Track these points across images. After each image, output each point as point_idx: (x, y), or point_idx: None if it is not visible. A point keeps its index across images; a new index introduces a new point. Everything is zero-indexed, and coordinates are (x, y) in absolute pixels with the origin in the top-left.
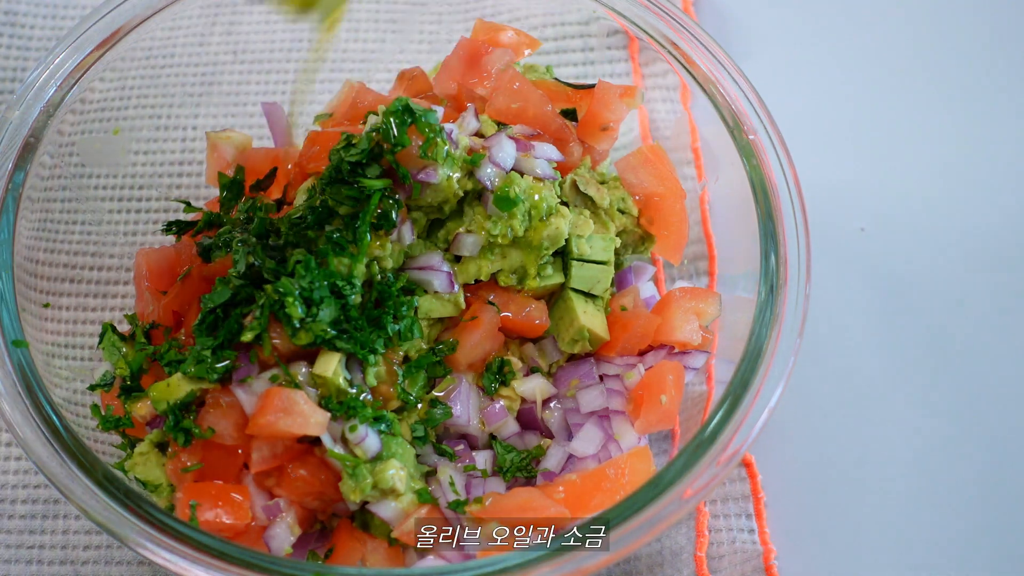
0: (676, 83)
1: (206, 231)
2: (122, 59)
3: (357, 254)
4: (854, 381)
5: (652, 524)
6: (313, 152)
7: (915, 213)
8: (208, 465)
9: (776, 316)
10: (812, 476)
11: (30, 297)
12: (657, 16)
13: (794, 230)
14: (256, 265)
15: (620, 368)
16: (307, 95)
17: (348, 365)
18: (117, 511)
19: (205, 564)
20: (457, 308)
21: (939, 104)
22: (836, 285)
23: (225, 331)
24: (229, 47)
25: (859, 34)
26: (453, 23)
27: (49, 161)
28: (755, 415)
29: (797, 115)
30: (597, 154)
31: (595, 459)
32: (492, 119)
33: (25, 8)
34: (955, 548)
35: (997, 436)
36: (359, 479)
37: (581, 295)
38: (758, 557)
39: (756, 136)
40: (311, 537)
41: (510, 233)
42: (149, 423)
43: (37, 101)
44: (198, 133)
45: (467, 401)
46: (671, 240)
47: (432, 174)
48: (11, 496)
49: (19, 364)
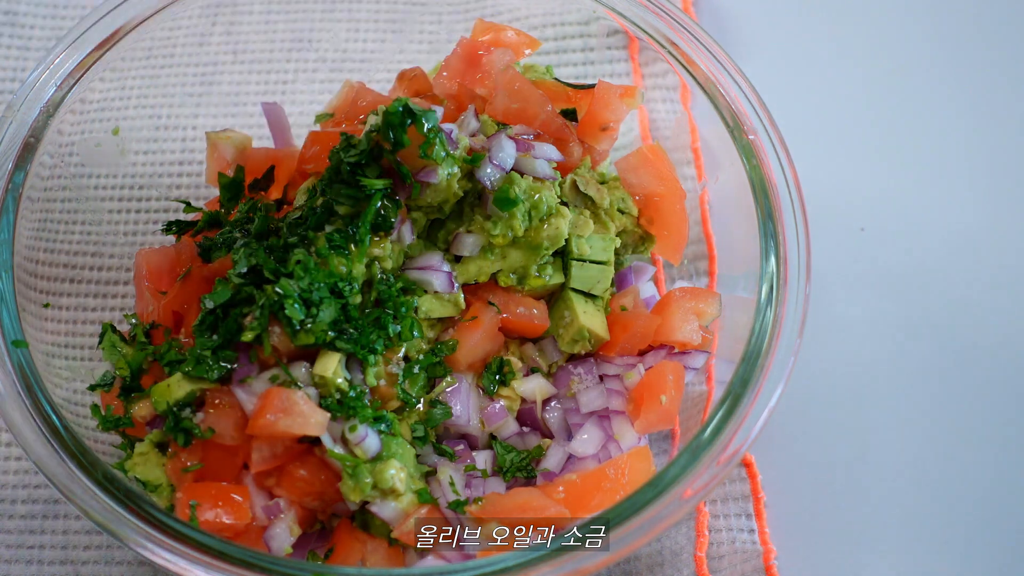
0: (676, 83)
1: (206, 231)
2: (122, 59)
3: (357, 254)
4: (854, 381)
5: (652, 524)
6: (313, 152)
7: (915, 213)
8: (208, 465)
9: (776, 316)
10: (812, 476)
11: (30, 297)
12: (657, 16)
13: (794, 230)
14: (256, 265)
15: (620, 368)
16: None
17: (348, 365)
18: (117, 511)
19: (205, 564)
20: (457, 308)
21: (939, 104)
22: (836, 285)
23: (225, 331)
24: (229, 47)
25: (859, 34)
26: (453, 23)
27: (49, 161)
28: (755, 415)
29: (797, 115)
30: (597, 154)
31: (595, 459)
32: (492, 119)
33: (25, 8)
34: (955, 548)
35: (998, 436)
36: (359, 479)
37: (581, 295)
38: (758, 557)
39: (756, 136)
40: (311, 537)
41: (510, 233)
42: (149, 423)
43: (37, 101)
44: (198, 133)
45: (467, 401)
46: (671, 240)
47: (432, 174)
48: (11, 496)
49: (19, 364)
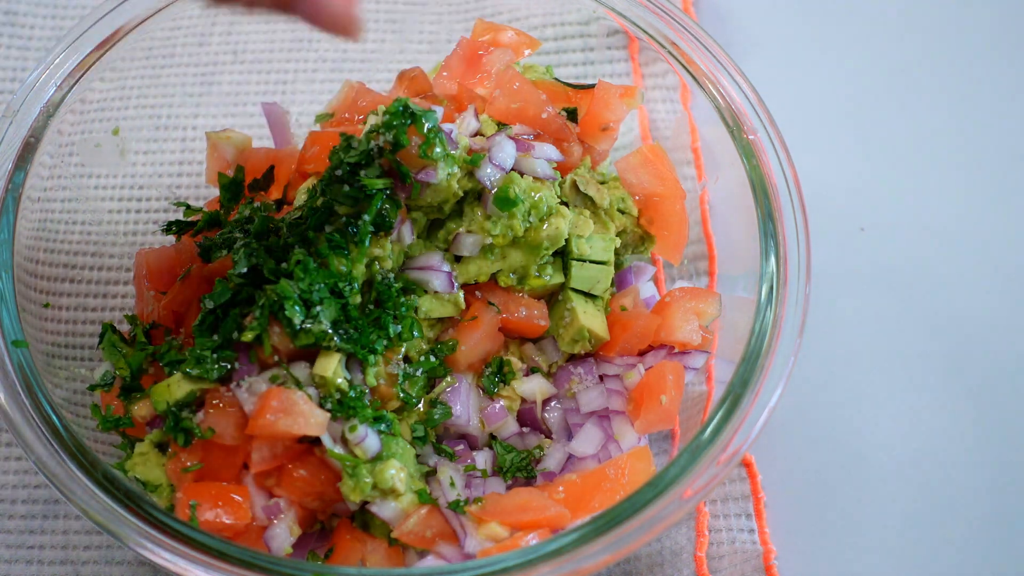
0: (676, 83)
1: (206, 231)
2: (122, 59)
3: (357, 254)
4: (854, 381)
5: (652, 524)
6: (313, 152)
7: (915, 213)
8: (208, 465)
9: (776, 316)
10: (812, 476)
11: (30, 297)
12: (657, 16)
13: (794, 230)
14: (256, 265)
15: (620, 368)
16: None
17: (348, 365)
18: (117, 511)
19: (205, 564)
20: (457, 308)
21: (940, 104)
22: (836, 285)
23: (225, 331)
24: (229, 47)
25: (859, 34)
26: (453, 23)
27: (49, 161)
28: (755, 415)
29: (797, 115)
30: (597, 154)
31: (595, 459)
32: (492, 119)
33: (25, 8)
34: (956, 548)
35: (999, 436)
36: (359, 479)
37: (581, 295)
38: (758, 557)
39: (756, 136)
40: (311, 537)
41: (510, 233)
42: (149, 423)
43: (37, 101)
44: (198, 133)
45: (467, 401)
46: (671, 240)
47: (432, 174)
48: (11, 496)
49: (19, 364)
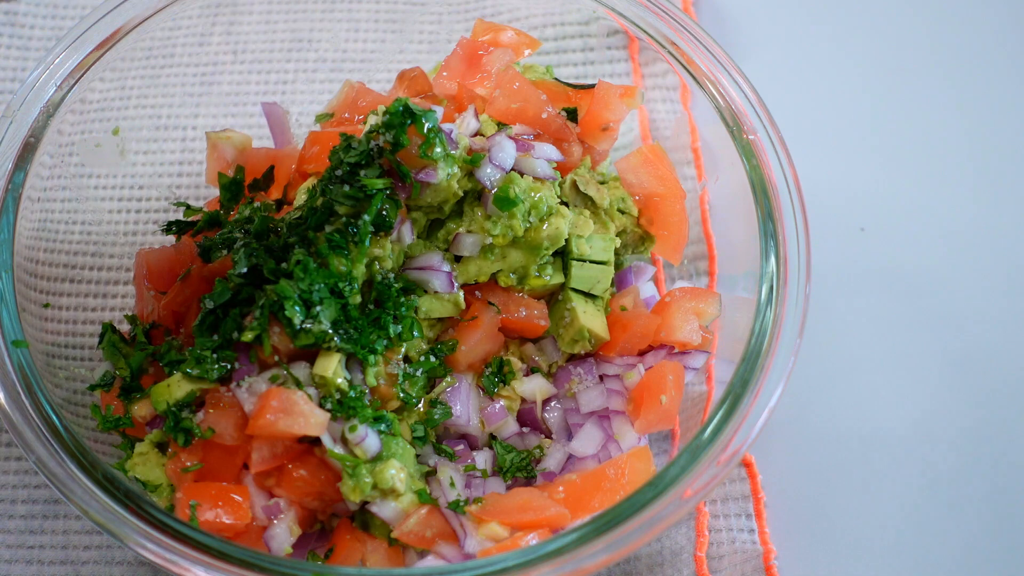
0: (676, 83)
1: (206, 231)
2: (122, 59)
3: (357, 254)
4: (854, 381)
5: (652, 524)
6: (313, 152)
7: (915, 213)
8: (208, 465)
9: (776, 316)
10: (812, 476)
11: (30, 297)
12: (657, 16)
13: (794, 230)
14: (256, 265)
15: (620, 368)
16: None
17: (348, 365)
18: (117, 511)
19: (205, 564)
20: (457, 308)
21: (940, 103)
22: (836, 285)
23: (225, 331)
24: (229, 47)
25: (859, 34)
26: (453, 23)
27: (49, 161)
28: (755, 415)
29: (797, 115)
30: (597, 154)
31: (595, 459)
32: (492, 119)
33: (25, 8)
34: (956, 548)
35: (998, 436)
36: (359, 479)
37: (581, 295)
38: (758, 557)
39: (756, 136)
40: (311, 537)
41: (510, 233)
42: (149, 423)
43: (37, 101)
44: (198, 133)
45: (467, 401)
46: (671, 240)
47: (432, 174)
48: (11, 496)
49: (19, 364)
